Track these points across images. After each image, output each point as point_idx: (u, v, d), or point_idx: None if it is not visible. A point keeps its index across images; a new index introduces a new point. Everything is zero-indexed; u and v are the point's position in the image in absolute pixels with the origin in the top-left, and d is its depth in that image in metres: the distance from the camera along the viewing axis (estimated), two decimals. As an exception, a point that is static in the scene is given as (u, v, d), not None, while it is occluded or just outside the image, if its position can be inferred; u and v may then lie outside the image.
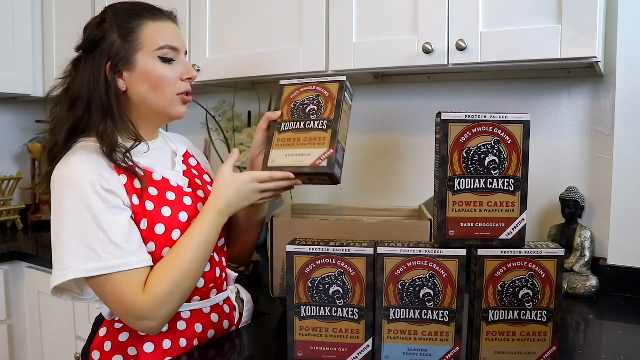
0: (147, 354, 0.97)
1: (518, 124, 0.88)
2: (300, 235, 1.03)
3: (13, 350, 1.88)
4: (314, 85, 1.09)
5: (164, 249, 0.97)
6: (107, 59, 0.98)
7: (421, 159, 1.66)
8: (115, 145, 0.96)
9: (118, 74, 1.00)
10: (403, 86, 1.71)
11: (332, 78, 1.09)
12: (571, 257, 1.39)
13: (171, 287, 0.92)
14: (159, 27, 1.02)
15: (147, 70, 0.99)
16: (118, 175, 0.96)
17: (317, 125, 1.04)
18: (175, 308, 0.95)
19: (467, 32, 1.25)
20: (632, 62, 1.31)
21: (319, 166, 1.00)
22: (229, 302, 1.12)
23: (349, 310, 0.92)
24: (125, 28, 0.99)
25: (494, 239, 0.90)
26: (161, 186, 1.02)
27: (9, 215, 2.25)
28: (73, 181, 0.91)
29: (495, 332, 0.89)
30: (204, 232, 0.97)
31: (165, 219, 0.98)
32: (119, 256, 0.90)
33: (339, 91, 1.07)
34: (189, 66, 1.05)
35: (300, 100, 1.08)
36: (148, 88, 1.00)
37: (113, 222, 0.91)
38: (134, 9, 1.02)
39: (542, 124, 1.48)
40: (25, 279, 1.87)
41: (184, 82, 1.04)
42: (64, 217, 0.90)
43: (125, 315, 0.93)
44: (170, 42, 1.02)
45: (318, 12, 1.46)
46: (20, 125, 2.46)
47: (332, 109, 1.06)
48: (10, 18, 2.12)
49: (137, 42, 0.99)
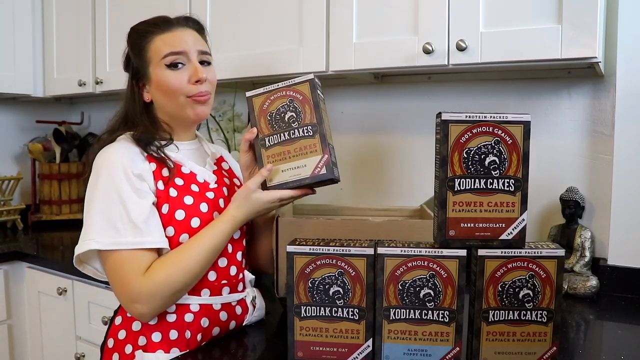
0: (154, 343, 1.01)
1: (518, 124, 0.88)
2: (306, 235, 1.03)
3: (13, 350, 1.88)
4: (283, 91, 1.05)
5: (182, 235, 1.02)
6: (132, 77, 1.12)
7: (421, 159, 1.66)
8: (151, 140, 1.06)
9: (142, 88, 1.11)
10: (403, 86, 1.71)
11: (299, 79, 1.05)
12: (571, 257, 1.39)
13: (168, 277, 0.97)
14: (165, 37, 1.08)
15: (158, 79, 1.07)
16: (149, 162, 1.04)
17: (303, 132, 1.03)
18: (167, 298, 0.99)
19: (467, 32, 1.25)
20: (632, 62, 1.31)
21: (318, 174, 1.02)
22: (243, 303, 1.12)
23: (349, 310, 0.92)
24: (137, 47, 1.10)
25: (494, 239, 0.90)
26: (188, 178, 1.07)
27: (9, 215, 2.25)
28: (108, 164, 1.00)
29: (496, 332, 0.89)
30: (215, 237, 1.02)
31: (186, 206, 1.04)
32: (135, 234, 0.97)
33: (312, 91, 1.04)
34: (196, 68, 1.07)
35: (275, 110, 1.05)
36: (163, 96, 1.08)
37: (135, 204, 0.98)
38: (144, 27, 1.11)
39: (542, 124, 1.48)
40: (25, 279, 1.87)
41: (195, 85, 1.07)
42: (95, 193, 0.99)
43: (120, 294, 0.99)
44: (173, 48, 1.06)
45: (318, 12, 1.46)
46: (20, 125, 2.46)
47: (311, 111, 1.04)
48: (10, 18, 2.12)
49: (147, 56, 1.08)
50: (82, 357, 1.69)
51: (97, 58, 2.03)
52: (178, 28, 1.09)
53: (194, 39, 1.10)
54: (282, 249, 1.14)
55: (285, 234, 1.13)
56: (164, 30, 1.08)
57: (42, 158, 2.31)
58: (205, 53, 1.11)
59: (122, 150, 1.02)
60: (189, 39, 1.09)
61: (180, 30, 1.09)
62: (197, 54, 1.08)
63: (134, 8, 1.86)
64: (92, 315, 1.65)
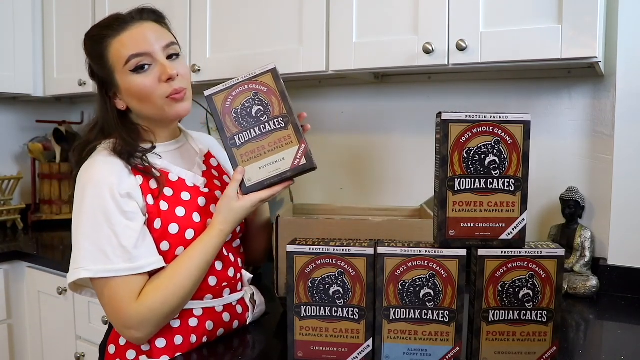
0: (159, 349, 0.99)
1: (518, 124, 0.88)
2: (306, 235, 1.03)
3: (13, 350, 1.88)
4: (244, 85, 1.00)
5: (177, 248, 1.00)
6: (100, 87, 1.04)
7: (421, 159, 1.66)
8: (132, 151, 1.00)
9: (114, 97, 1.04)
10: (403, 86, 1.71)
11: (259, 70, 1.00)
12: (571, 257, 1.39)
13: (162, 302, 0.94)
14: (122, 39, 0.99)
15: (127, 87, 1.00)
16: (135, 176, 0.99)
17: (274, 125, 1.00)
18: (162, 321, 0.97)
19: (468, 32, 1.25)
20: (632, 62, 1.31)
21: (299, 165, 1.00)
22: (243, 302, 1.12)
23: (349, 310, 0.91)
24: (96, 56, 1.02)
25: (494, 239, 0.90)
26: (177, 186, 1.03)
27: (9, 215, 2.25)
28: (93, 184, 0.95)
29: (496, 332, 0.89)
30: (205, 253, 0.99)
31: (179, 219, 1.00)
32: (126, 260, 0.93)
33: (276, 81, 1.00)
34: (164, 66, 0.99)
35: (240, 105, 1.00)
36: (137, 102, 1.02)
37: (125, 227, 0.94)
38: (98, 32, 1.02)
39: (542, 124, 1.48)
40: (25, 279, 1.87)
41: (167, 83, 1.00)
42: (82, 217, 0.94)
43: (114, 320, 0.96)
44: (134, 50, 0.98)
45: (318, 12, 1.46)
46: (20, 125, 2.46)
47: (279, 102, 1.00)
48: (10, 18, 2.12)
49: (109, 64, 1.00)
50: (82, 357, 1.69)
51: (97, 58, 2.02)
52: (134, 25, 1.00)
53: (155, 33, 1.01)
54: (282, 249, 1.14)
55: (285, 233, 1.13)
56: (119, 31, 0.99)
57: (42, 158, 2.31)
58: (170, 45, 1.02)
59: (107, 167, 0.97)
60: (149, 34, 1.00)
61: (136, 26, 1.00)
62: (161, 49, 1.00)
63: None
64: (92, 315, 1.65)
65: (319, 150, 1.83)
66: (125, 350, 1.01)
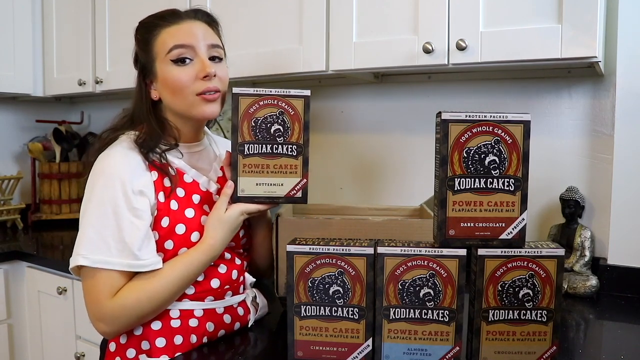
0: (159, 348, 0.99)
1: (518, 123, 0.88)
2: (306, 234, 1.03)
3: (13, 350, 1.88)
4: (274, 99, 1.00)
5: (180, 249, 1.00)
6: (140, 73, 1.06)
7: (421, 158, 1.66)
8: (154, 145, 1.01)
9: (150, 85, 1.06)
10: (403, 86, 1.71)
11: (295, 92, 1.00)
12: (571, 256, 1.39)
13: (135, 304, 0.95)
14: (171, 30, 1.02)
15: (164, 76, 1.02)
16: (150, 172, 0.99)
17: (287, 150, 1.00)
18: (133, 322, 0.97)
19: (467, 31, 1.25)
20: (632, 62, 1.31)
21: (293, 197, 1.02)
22: (244, 304, 1.12)
23: (349, 309, 0.92)
24: (143, 41, 1.05)
25: (494, 238, 0.90)
26: (190, 188, 1.04)
27: (9, 214, 2.25)
28: (106, 175, 0.96)
29: (495, 331, 0.89)
30: (189, 268, 0.98)
31: (187, 220, 1.01)
32: (125, 256, 0.94)
33: (305, 109, 1.00)
34: (204, 63, 1.01)
35: (262, 117, 1.00)
36: (170, 94, 1.03)
37: (131, 223, 0.94)
38: (151, 20, 1.06)
39: (542, 124, 1.48)
40: (25, 279, 1.87)
41: (203, 81, 1.01)
42: (89, 206, 0.95)
43: (88, 309, 0.97)
44: (179, 41, 1.01)
45: (318, 12, 1.46)
46: (20, 125, 2.46)
47: (300, 131, 1.00)
48: (10, 18, 2.12)
49: (153, 51, 1.03)
50: (82, 357, 1.69)
51: (97, 57, 2.03)
52: (186, 20, 1.03)
53: (203, 31, 1.04)
54: (282, 248, 1.14)
55: (285, 233, 1.13)
56: (171, 23, 1.03)
57: (42, 157, 2.31)
58: (215, 47, 1.05)
59: (124, 159, 0.97)
60: (197, 31, 1.02)
61: (188, 22, 1.03)
62: (205, 47, 1.02)
63: (133, 8, 1.86)
64: (92, 314, 1.65)
65: (319, 150, 1.84)
66: (126, 349, 1.01)
